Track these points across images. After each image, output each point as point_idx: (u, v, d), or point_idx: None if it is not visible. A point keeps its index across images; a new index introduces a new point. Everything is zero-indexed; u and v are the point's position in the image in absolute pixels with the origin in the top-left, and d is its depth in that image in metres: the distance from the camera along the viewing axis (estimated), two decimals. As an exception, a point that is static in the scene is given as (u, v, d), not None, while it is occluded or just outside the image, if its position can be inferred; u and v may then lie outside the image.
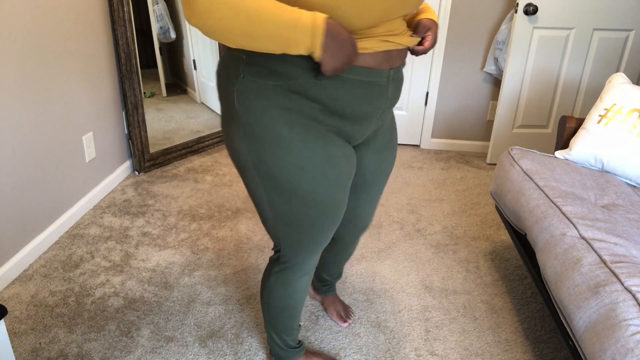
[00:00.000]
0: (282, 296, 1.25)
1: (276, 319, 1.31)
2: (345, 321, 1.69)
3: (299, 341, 1.46)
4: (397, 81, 1.06)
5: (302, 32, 0.82)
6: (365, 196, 1.30)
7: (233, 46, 0.85)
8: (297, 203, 1.04)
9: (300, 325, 1.47)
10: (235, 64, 0.96)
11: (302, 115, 0.96)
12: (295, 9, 0.82)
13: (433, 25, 1.08)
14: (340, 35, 0.84)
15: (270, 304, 1.28)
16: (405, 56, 1.06)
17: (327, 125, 1.00)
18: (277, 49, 0.84)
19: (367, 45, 0.92)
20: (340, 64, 0.86)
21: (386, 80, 1.00)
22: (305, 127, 0.97)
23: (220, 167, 2.89)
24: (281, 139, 0.96)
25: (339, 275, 1.68)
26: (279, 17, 0.80)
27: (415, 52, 1.09)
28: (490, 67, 3.04)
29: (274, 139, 0.96)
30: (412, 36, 1.04)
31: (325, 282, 1.70)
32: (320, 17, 0.82)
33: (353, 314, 1.75)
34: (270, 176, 1.01)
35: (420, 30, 1.06)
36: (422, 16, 1.10)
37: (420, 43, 1.08)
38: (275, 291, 1.25)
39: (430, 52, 3.11)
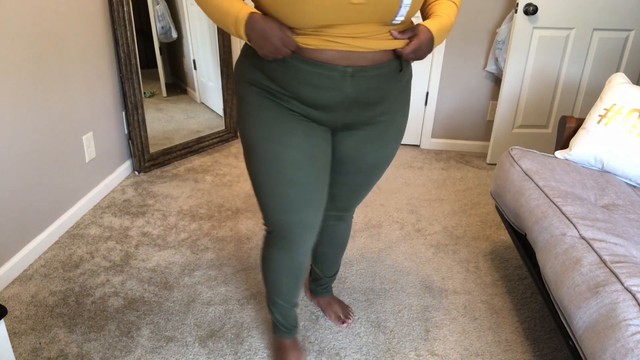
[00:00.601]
0: (262, 256, 1.36)
1: (263, 279, 1.42)
2: (344, 322, 1.69)
3: (292, 327, 1.48)
4: (363, 80, 1.09)
5: (230, 22, 1.03)
6: (341, 178, 1.34)
7: None
8: (251, 157, 1.19)
9: (293, 306, 1.44)
10: (242, 49, 1.22)
11: (262, 88, 1.14)
12: (236, 3, 1.02)
13: (422, 33, 1.08)
14: (263, 28, 1.00)
15: (260, 259, 1.44)
16: (379, 59, 1.09)
17: (283, 102, 1.13)
18: (226, 31, 1.06)
19: (309, 42, 1.04)
20: (268, 51, 1.03)
21: (341, 75, 1.07)
22: (263, 96, 1.14)
23: (220, 167, 2.89)
24: (243, 101, 1.18)
25: (332, 274, 1.68)
26: (220, 8, 1.03)
27: (398, 55, 1.12)
28: (491, 67, 3.04)
29: (240, 102, 1.19)
30: (397, 38, 1.08)
31: (319, 282, 1.70)
32: (243, 12, 1.01)
33: (353, 313, 1.74)
34: (240, 134, 1.21)
35: (407, 34, 1.09)
36: (425, 22, 1.12)
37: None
38: (261, 248, 1.39)
39: (430, 52, 3.10)
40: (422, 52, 1.09)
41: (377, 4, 0.98)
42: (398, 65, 1.15)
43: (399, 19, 1.03)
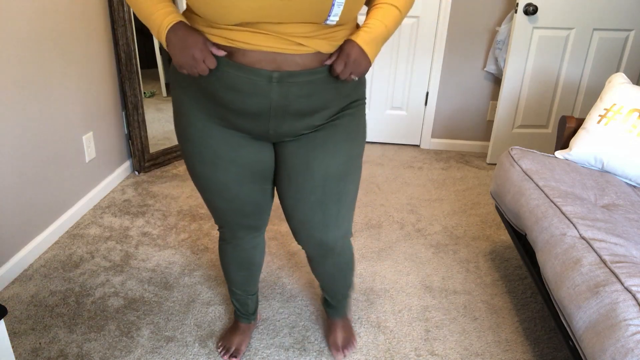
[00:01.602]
0: (218, 247, 1.44)
1: (222, 269, 1.50)
2: (339, 351, 1.54)
3: (248, 313, 1.56)
4: (293, 87, 1.02)
5: (155, 33, 1.01)
6: (297, 197, 1.21)
7: None
8: (188, 169, 1.23)
9: (251, 295, 1.53)
10: None
11: (193, 94, 1.10)
12: (159, 11, 0.99)
13: (347, 47, 1.01)
14: (185, 36, 0.97)
15: None
16: (310, 64, 1.01)
17: (211, 110, 1.10)
18: (150, 29, 1.04)
19: (233, 37, 0.98)
20: (184, 61, 0.98)
21: (266, 81, 1.00)
22: (193, 106, 1.11)
23: (220, 167, 2.89)
24: (175, 110, 1.16)
25: (338, 298, 1.52)
26: (145, 15, 1.01)
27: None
28: (490, 67, 3.04)
29: (173, 109, 1.17)
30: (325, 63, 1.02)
31: (327, 304, 1.57)
32: (171, 17, 0.98)
33: (355, 345, 1.59)
34: (178, 141, 1.22)
35: (340, 49, 1.02)
36: (352, 35, 1.04)
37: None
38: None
39: (431, 51, 3.11)
40: (352, 67, 1.01)
41: None
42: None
43: (333, 18, 0.95)
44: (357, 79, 1.06)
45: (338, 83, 1.08)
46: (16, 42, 1.79)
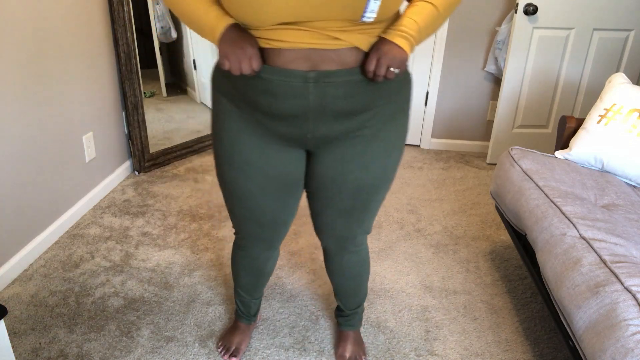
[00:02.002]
0: (232, 250, 1.48)
1: (231, 269, 1.51)
2: None
3: (250, 315, 1.56)
4: (330, 87, 0.99)
5: (208, 30, 0.99)
6: (327, 203, 1.22)
7: None
8: (217, 172, 1.23)
9: (255, 298, 1.53)
10: None
11: (230, 98, 1.10)
12: (214, 12, 0.98)
13: (382, 45, 0.97)
14: (241, 34, 0.97)
15: None
16: (346, 61, 0.98)
17: (248, 114, 1.09)
18: (193, 25, 1.03)
19: (269, 36, 0.97)
20: (232, 55, 0.96)
21: (302, 82, 0.98)
22: (230, 110, 1.11)
23: (220, 167, 2.89)
24: (213, 113, 1.17)
25: (353, 307, 1.51)
26: (193, 12, 0.99)
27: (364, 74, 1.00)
28: (490, 67, 3.04)
29: (212, 111, 1.17)
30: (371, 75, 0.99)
31: (341, 313, 1.56)
32: (222, 24, 0.97)
33: None
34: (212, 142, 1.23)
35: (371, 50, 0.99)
36: (391, 30, 0.99)
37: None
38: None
39: (431, 51, 3.11)
40: (387, 59, 0.96)
41: None
42: None
43: (370, 15, 0.91)
44: (397, 71, 0.98)
45: (379, 84, 1.03)
46: (16, 42, 1.79)
